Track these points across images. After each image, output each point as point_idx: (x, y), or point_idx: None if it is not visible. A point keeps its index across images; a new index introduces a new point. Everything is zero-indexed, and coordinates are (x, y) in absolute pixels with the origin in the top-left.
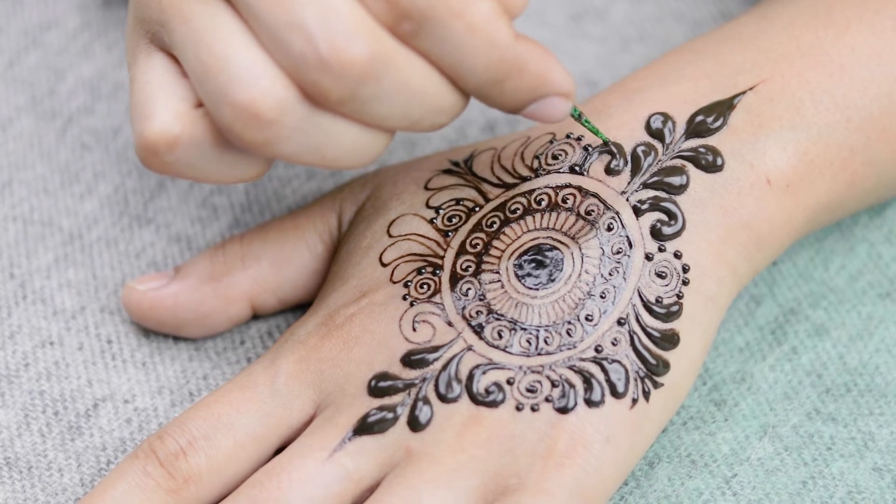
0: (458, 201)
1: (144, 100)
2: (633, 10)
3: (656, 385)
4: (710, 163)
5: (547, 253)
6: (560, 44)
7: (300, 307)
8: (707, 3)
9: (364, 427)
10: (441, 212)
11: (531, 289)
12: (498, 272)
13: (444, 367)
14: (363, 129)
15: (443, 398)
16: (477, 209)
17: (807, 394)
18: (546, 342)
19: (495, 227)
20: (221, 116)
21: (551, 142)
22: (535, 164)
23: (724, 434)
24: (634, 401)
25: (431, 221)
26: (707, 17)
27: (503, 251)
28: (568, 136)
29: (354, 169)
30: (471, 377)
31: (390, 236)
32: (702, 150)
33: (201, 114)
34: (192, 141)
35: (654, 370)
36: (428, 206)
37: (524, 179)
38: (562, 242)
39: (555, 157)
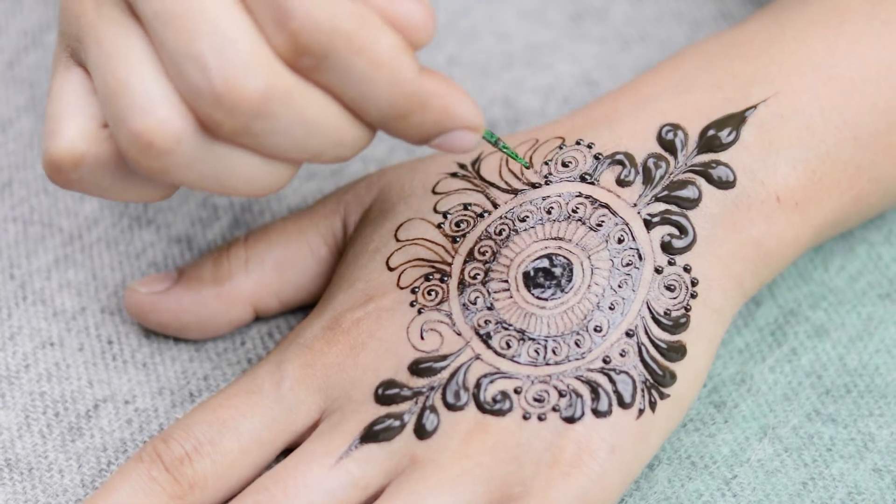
0: (465, 206)
1: (54, 115)
2: (633, 10)
3: (662, 396)
4: (722, 179)
5: (557, 263)
6: (560, 44)
7: (301, 308)
8: (707, 3)
9: (371, 435)
10: (449, 217)
11: (540, 299)
12: (507, 281)
13: (452, 375)
14: (263, 160)
15: (450, 407)
16: (485, 215)
17: (807, 395)
18: (554, 352)
19: (504, 234)
20: (120, 141)
21: (561, 147)
22: (545, 171)
23: (723, 435)
24: (641, 411)
25: (439, 226)
26: (707, 16)
27: (512, 259)
28: (578, 143)
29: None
30: (478, 386)
31: (398, 240)
32: (714, 165)
33: (107, 133)
34: (96, 160)
35: (660, 381)
36: (436, 211)
37: (533, 186)
38: (572, 253)
39: (565, 165)
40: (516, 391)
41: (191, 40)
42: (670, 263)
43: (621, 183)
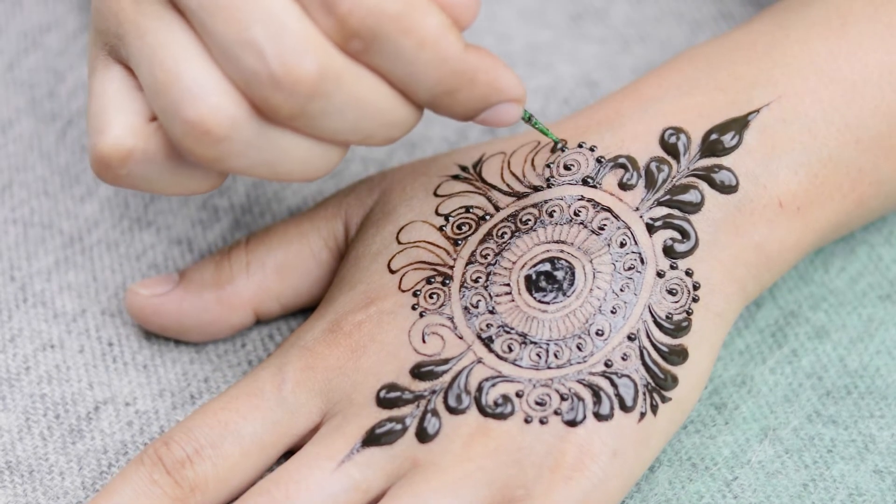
0: (467, 209)
1: (99, 113)
2: (633, 10)
3: (664, 399)
4: (725, 184)
5: (559, 267)
6: (560, 44)
7: (302, 311)
8: (707, 4)
9: (373, 438)
10: (451, 219)
11: (542, 302)
12: (508, 284)
13: (454, 379)
14: (315, 143)
15: (452, 410)
16: (487, 218)
17: (807, 396)
18: (556, 356)
19: (506, 237)
20: (173, 132)
21: (562, 149)
22: (547, 174)
23: (724, 437)
24: (642, 414)
25: (441, 229)
26: (707, 17)
27: (514, 263)
28: (581, 146)
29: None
30: (480, 389)
31: (399, 243)
32: (717, 169)
33: (155, 128)
34: (144, 155)
35: (662, 384)
36: (437, 214)
37: (535, 189)
38: (574, 257)
39: (567, 168)
40: (518, 395)
41: (242, 27)
42: (672, 267)
43: (623, 186)
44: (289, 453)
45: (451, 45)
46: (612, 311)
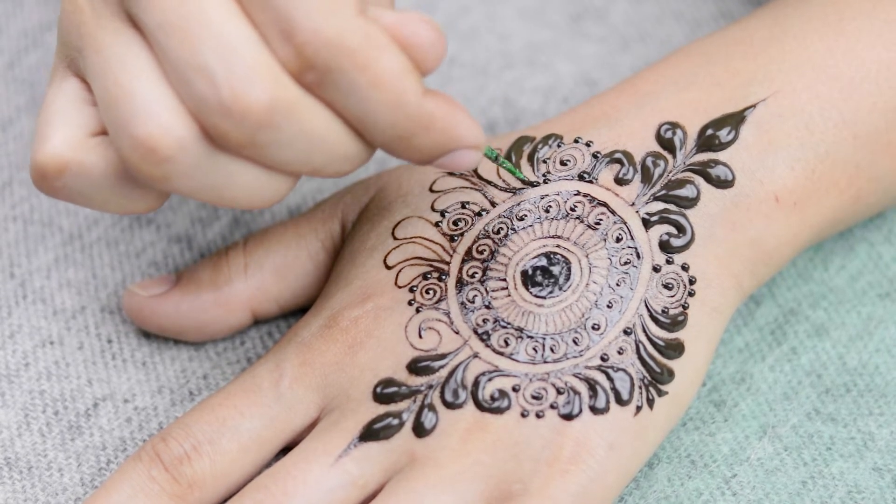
0: (463, 205)
1: (43, 122)
2: (633, 9)
3: (660, 393)
4: (720, 179)
5: (555, 262)
6: (560, 44)
7: (301, 309)
8: (707, 3)
9: (370, 433)
10: (447, 215)
11: (538, 297)
12: (505, 279)
13: (451, 374)
14: (264, 171)
15: (449, 405)
16: (483, 213)
17: (806, 394)
18: (552, 350)
19: (502, 233)
20: (121, 147)
21: (559, 146)
22: (544, 169)
23: (723, 434)
24: (639, 408)
25: (437, 225)
26: (707, 16)
27: (510, 258)
28: (576, 141)
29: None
30: (476, 384)
31: (395, 238)
32: (713, 164)
33: (96, 143)
34: (81, 169)
35: (658, 378)
36: (433, 209)
37: (532, 184)
38: (570, 251)
39: (563, 163)
40: (514, 389)
41: (196, 51)
42: (668, 262)
43: (620, 181)
44: (286, 449)
45: (407, 89)
46: (608, 306)
